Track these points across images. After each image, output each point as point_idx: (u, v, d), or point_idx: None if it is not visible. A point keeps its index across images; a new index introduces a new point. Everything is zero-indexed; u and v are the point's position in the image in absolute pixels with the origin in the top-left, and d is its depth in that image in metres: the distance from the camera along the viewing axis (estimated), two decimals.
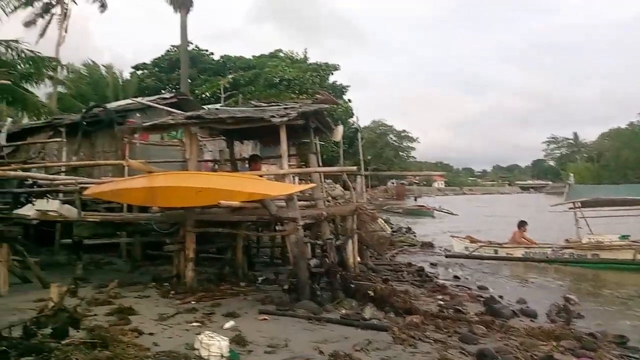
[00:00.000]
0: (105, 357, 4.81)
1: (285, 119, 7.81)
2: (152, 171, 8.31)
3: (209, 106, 17.57)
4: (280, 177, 8.34)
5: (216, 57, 42.16)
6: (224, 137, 11.05)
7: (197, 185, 7.28)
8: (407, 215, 35.56)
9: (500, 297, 9.55)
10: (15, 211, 9.40)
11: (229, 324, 6.36)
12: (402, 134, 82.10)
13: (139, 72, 39.12)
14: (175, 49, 39.03)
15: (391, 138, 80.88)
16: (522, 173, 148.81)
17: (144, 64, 40.33)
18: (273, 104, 9.59)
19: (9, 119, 15.97)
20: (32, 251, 9.31)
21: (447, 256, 15.45)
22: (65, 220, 9.25)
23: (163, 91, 35.72)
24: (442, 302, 8.52)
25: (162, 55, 40.41)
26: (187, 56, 34.71)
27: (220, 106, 18.96)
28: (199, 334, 5.70)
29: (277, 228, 9.19)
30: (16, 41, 19.51)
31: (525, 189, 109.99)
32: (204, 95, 34.48)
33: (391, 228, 21.74)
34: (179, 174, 8.13)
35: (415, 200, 46.76)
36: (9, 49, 19.47)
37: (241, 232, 9.07)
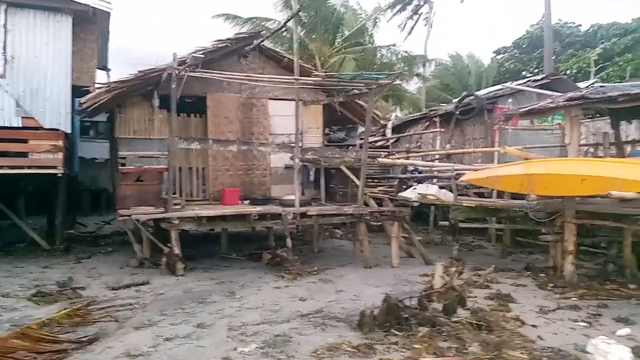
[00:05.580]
0: (494, 342, 4.93)
1: None
2: (529, 158, 8.06)
3: (581, 84, 15.95)
4: None
5: (585, 27, 37.72)
6: (607, 118, 9.75)
7: (582, 173, 6.64)
8: None
9: None
10: (400, 194, 10.78)
11: (624, 331, 5.59)
12: None
13: (499, 57, 38.74)
14: (536, 26, 36.90)
15: None
16: None
17: (504, 47, 39.68)
18: None
19: (394, 114, 18.44)
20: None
21: None
22: (442, 204, 9.99)
23: (524, 72, 34.42)
24: None
25: (522, 35, 38.81)
26: (551, 31, 32.32)
27: (594, 82, 16.98)
28: (588, 336, 5.27)
29: None
30: (394, 45, 22.56)
31: None
32: (568, 72, 31.46)
33: None
34: (561, 161, 7.61)
35: None
36: (389, 53, 22.68)
37: (632, 227, 7.84)
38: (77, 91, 10.25)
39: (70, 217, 13.38)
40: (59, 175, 10.05)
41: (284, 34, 19.71)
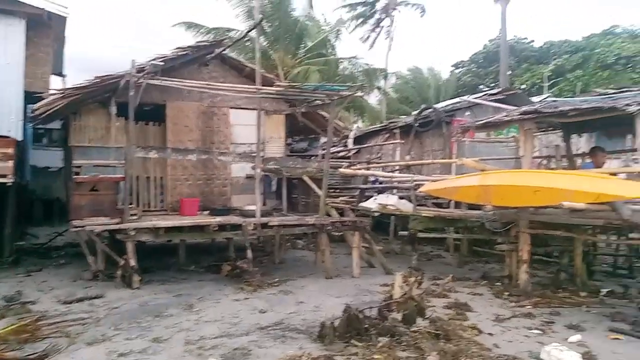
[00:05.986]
0: (451, 350, 5.00)
1: None
2: (485, 169, 8.27)
3: (534, 98, 16.55)
4: (636, 176, 7.12)
5: (539, 43, 39.29)
6: (559, 131, 10.12)
7: (536, 185, 6.84)
8: None
9: None
10: (361, 204, 10.84)
11: (575, 337, 5.78)
12: None
13: (457, 71, 39.85)
14: (493, 42, 38.19)
15: None
16: None
17: (462, 61, 40.85)
18: (624, 89, 8.23)
19: (355, 125, 18.62)
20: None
21: None
22: (402, 214, 10.11)
23: (481, 86, 35.49)
24: None
25: (479, 50, 40.08)
26: (507, 47, 33.49)
27: (547, 97, 17.64)
28: (541, 343, 5.43)
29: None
30: (355, 57, 22.83)
31: None
32: (523, 87, 32.68)
33: None
34: (515, 172, 7.84)
35: None
36: (350, 65, 22.91)
37: (582, 237, 8.15)
38: (30, 97, 9.88)
39: (20, 227, 12.81)
40: (9, 184, 9.62)
41: (248, 44, 19.65)
